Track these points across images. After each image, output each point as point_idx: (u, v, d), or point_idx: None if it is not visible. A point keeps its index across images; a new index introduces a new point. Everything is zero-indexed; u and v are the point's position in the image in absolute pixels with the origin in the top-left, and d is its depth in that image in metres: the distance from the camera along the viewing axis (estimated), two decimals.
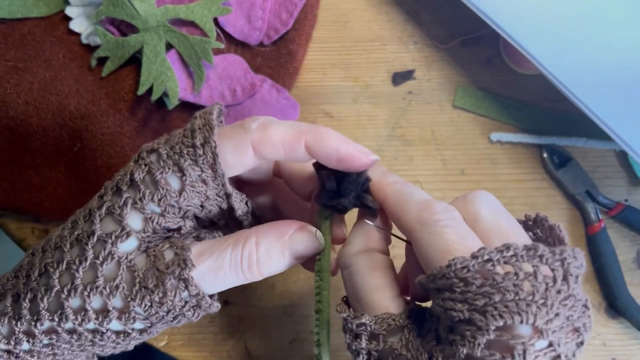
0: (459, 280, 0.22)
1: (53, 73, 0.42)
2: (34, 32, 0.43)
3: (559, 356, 0.21)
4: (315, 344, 0.28)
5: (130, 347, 0.29)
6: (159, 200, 0.25)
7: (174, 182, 0.25)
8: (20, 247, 0.43)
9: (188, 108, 0.42)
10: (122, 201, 0.25)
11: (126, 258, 0.25)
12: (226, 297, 0.42)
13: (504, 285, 0.21)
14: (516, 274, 0.22)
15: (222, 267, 0.26)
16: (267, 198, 0.32)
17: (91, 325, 0.26)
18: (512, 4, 0.39)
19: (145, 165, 0.26)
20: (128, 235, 0.25)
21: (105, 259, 0.25)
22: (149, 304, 0.25)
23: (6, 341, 0.26)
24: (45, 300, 0.25)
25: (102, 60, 0.42)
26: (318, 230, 0.28)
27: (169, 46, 0.41)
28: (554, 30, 0.38)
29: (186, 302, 0.26)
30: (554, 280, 0.22)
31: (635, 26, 0.38)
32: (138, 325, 0.26)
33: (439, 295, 0.23)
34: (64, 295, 0.25)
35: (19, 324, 0.26)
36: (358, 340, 0.25)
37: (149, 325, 0.27)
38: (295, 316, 0.42)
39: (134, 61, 0.42)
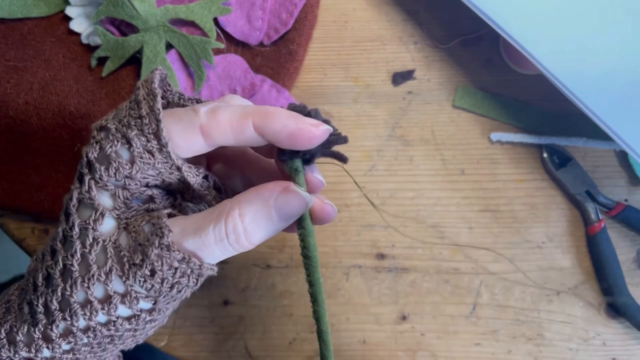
0: None
1: (53, 73, 0.42)
2: (34, 32, 0.43)
3: None
4: (309, 284, 0.28)
5: (151, 332, 0.29)
6: (115, 173, 0.25)
7: (124, 154, 0.25)
8: (20, 247, 0.43)
9: None
10: (87, 184, 0.26)
11: (110, 240, 0.26)
12: (226, 297, 0.42)
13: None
14: None
15: (206, 244, 0.26)
16: (235, 167, 0.32)
17: (101, 318, 0.26)
18: (512, 4, 0.39)
19: (97, 142, 0.26)
20: (103, 215, 0.26)
21: (91, 245, 0.25)
22: (143, 279, 0.25)
23: (27, 349, 0.26)
24: (54, 301, 0.26)
25: (102, 60, 0.42)
26: (302, 188, 0.27)
27: (169, 46, 0.41)
28: (554, 30, 0.38)
29: (176, 269, 0.26)
30: None
31: (636, 26, 0.38)
32: (143, 304, 0.26)
33: None
34: (68, 292, 0.25)
35: (36, 329, 0.26)
36: None
37: (153, 301, 0.27)
38: (295, 316, 0.42)
39: (134, 61, 0.42)
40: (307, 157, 0.27)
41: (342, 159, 0.29)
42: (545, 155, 0.42)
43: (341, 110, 0.44)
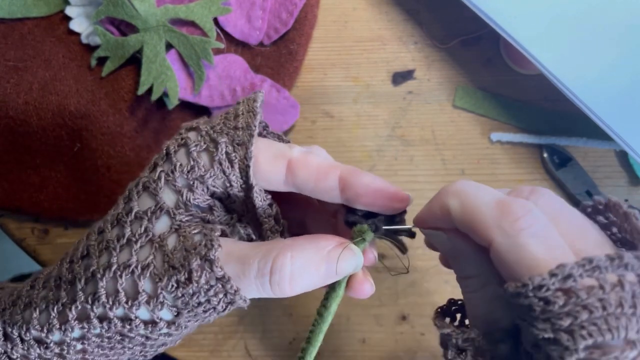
0: (538, 299, 0.20)
1: (53, 73, 0.42)
2: (34, 32, 0.43)
3: None
4: (307, 340, 0.28)
5: (161, 350, 0.29)
6: (188, 172, 0.26)
7: (204, 157, 0.26)
8: (20, 247, 0.43)
9: (188, 108, 0.42)
10: (157, 175, 0.26)
11: (159, 237, 0.26)
12: None
13: (589, 302, 0.20)
14: (601, 287, 0.20)
15: (247, 274, 0.25)
16: (296, 212, 0.31)
17: (120, 311, 0.26)
18: (512, 4, 0.39)
19: (182, 139, 0.26)
20: (162, 210, 0.26)
21: (140, 236, 0.25)
22: (175, 284, 0.25)
23: (40, 327, 0.26)
24: (82, 281, 0.26)
25: (102, 60, 0.42)
26: (356, 247, 0.27)
27: (169, 46, 0.41)
28: (554, 30, 0.38)
29: (211, 286, 0.25)
30: None
31: (635, 26, 0.38)
32: (165, 313, 0.26)
33: (518, 311, 0.22)
34: (99, 275, 0.25)
35: (55, 308, 0.26)
36: (462, 355, 0.24)
37: (176, 313, 0.26)
38: (295, 316, 0.42)
39: (134, 61, 0.42)
40: (372, 228, 0.27)
41: (402, 250, 0.28)
42: (545, 155, 0.42)
43: (341, 110, 0.44)
